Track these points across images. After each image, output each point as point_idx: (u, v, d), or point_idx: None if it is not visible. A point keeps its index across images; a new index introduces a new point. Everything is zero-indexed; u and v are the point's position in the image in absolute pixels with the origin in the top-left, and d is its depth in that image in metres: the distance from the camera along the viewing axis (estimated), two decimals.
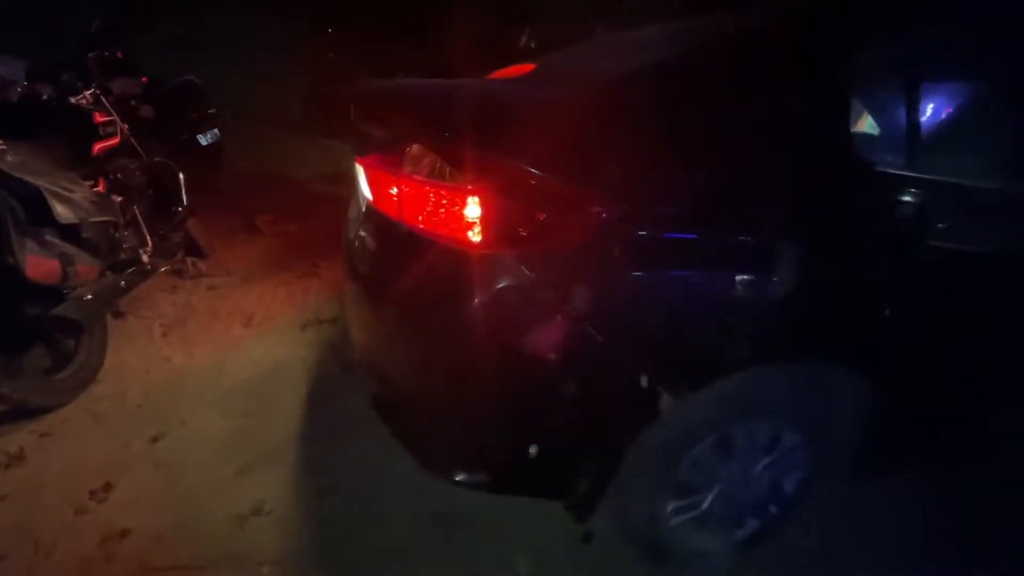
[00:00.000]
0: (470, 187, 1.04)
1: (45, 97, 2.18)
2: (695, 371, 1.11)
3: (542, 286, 1.02)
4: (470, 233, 1.05)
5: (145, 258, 2.35)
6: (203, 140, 3.36)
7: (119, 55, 2.59)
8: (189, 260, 2.93)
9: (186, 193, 2.80)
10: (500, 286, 1.03)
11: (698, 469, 1.25)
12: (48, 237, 1.77)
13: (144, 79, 2.94)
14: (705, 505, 1.32)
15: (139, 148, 2.64)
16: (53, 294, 1.83)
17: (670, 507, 1.29)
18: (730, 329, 1.09)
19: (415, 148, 1.15)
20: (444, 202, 1.08)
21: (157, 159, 2.72)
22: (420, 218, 1.13)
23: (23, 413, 1.88)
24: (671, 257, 1.05)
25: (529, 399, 1.11)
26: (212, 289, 2.85)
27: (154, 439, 1.85)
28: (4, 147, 1.75)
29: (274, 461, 1.75)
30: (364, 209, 1.42)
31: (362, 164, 1.33)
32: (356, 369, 1.41)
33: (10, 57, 2.30)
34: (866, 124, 1.22)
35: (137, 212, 2.44)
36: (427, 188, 1.12)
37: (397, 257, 1.25)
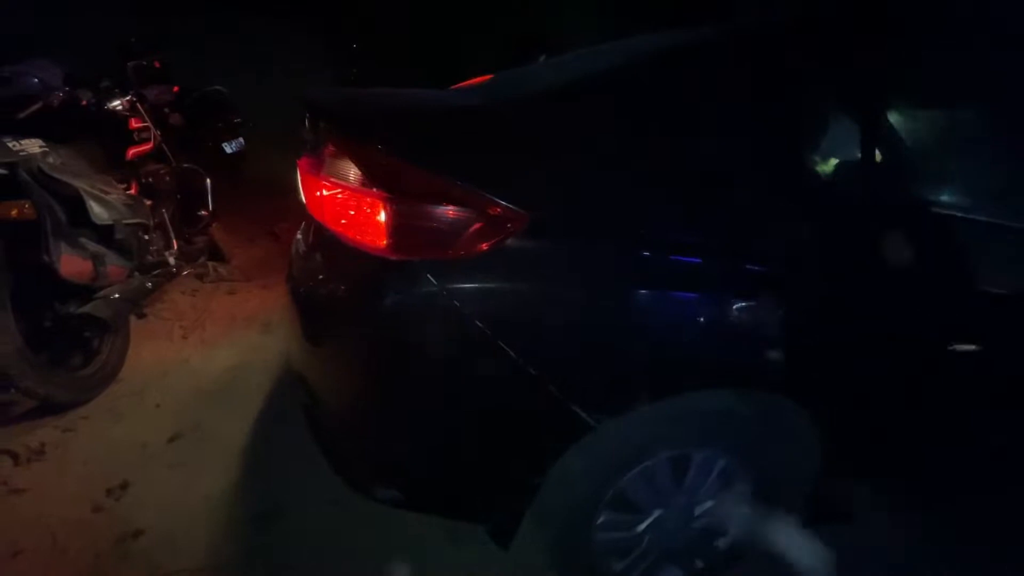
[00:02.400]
0: (375, 190, 1.01)
1: (84, 103, 2.26)
2: (618, 393, 1.06)
3: (448, 296, 0.98)
4: (376, 238, 1.02)
5: (171, 261, 2.40)
6: (228, 148, 3.45)
7: (156, 65, 2.67)
8: (210, 264, 2.98)
9: (211, 199, 2.87)
10: (403, 294, 1.00)
11: (627, 499, 1.20)
12: (83, 237, 1.82)
13: (176, 88, 3.04)
14: (643, 540, 1.26)
15: (169, 154, 2.72)
16: (83, 292, 1.87)
17: (599, 537, 1.23)
18: (657, 350, 1.05)
19: (333, 150, 1.12)
20: (354, 205, 1.06)
21: (186, 165, 2.80)
22: (337, 221, 1.10)
23: (47, 408, 1.91)
24: (587, 271, 1.02)
25: (435, 415, 1.08)
26: (231, 294, 2.89)
27: (171, 439, 1.87)
28: (46, 149, 1.82)
29: (289, 466, 1.76)
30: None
31: (299, 166, 1.28)
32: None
33: (50, 63, 2.39)
34: (819, 148, 1.21)
35: (165, 216, 2.50)
36: (340, 191, 1.09)
37: (317, 261, 1.23)
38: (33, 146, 1.77)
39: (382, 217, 1.00)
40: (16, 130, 1.82)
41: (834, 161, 1.23)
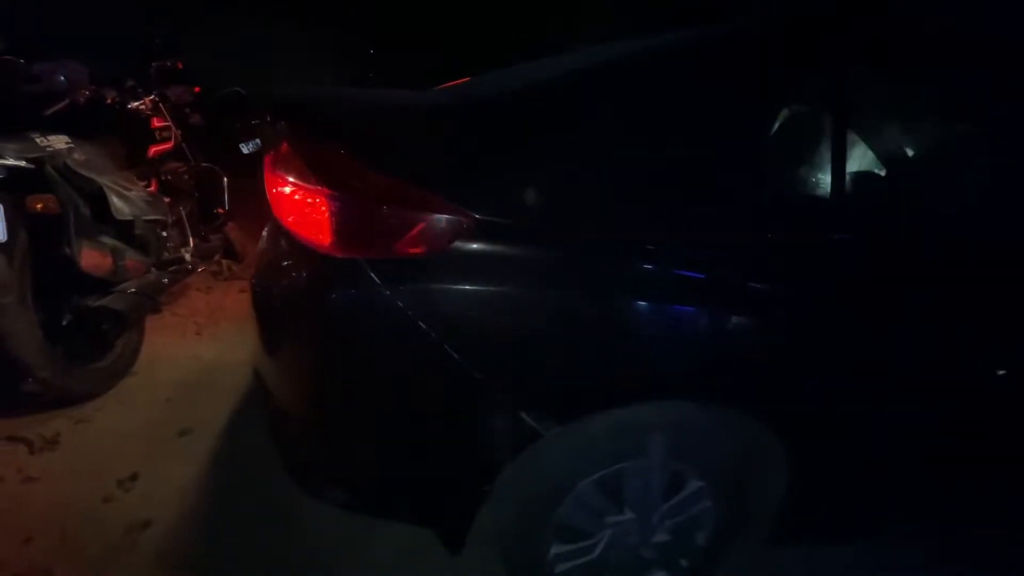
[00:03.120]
0: (321, 187, 1.01)
1: (109, 101, 2.31)
2: (567, 401, 1.04)
3: (392, 296, 0.96)
4: (322, 235, 1.01)
5: (187, 257, 2.44)
6: (245, 148, 3.50)
7: (179, 66, 2.73)
8: (224, 262, 3.03)
9: (228, 198, 2.91)
10: (346, 292, 1.00)
11: (585, 508, 1.16)
12: (103, 232, 1.86)
13: (197, 89, 3.10)
14: (598, 551, 1.22)
15: (189, 153, 2.77)
16: (101, 286, 1.91)
17: (553, 551, 1.20)
18: (608, 358, 1.02)
19: (287, 147, 1.12)
20: (303, 202, 1.05)
21: (204, 164, 2.85)
22: (289, 218, 1.09)
23: (62, 399, 1.94)
24: (535, 275, 0.99)
25: (379, 417, 1.07)
26: (244, 292, 2.93)
27: (181, 434, 1.90)
28: (72, 145, 1.86)
29: None
30: None
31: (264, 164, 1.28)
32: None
33: (78, 63, 2.45)
34: (800, 160, 1.20)
35: (183, 213, 2.55)
36: (292, 188, 1.08)
37: (273, 258, 1.23)
38: (60, 142, 1.82)
39: (327, 214, 1.00)
40: (43, 126, 1.87)
41: (813, 175, 1.22)
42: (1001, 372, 1.18)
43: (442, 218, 0.97)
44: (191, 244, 2.54)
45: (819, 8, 1.23)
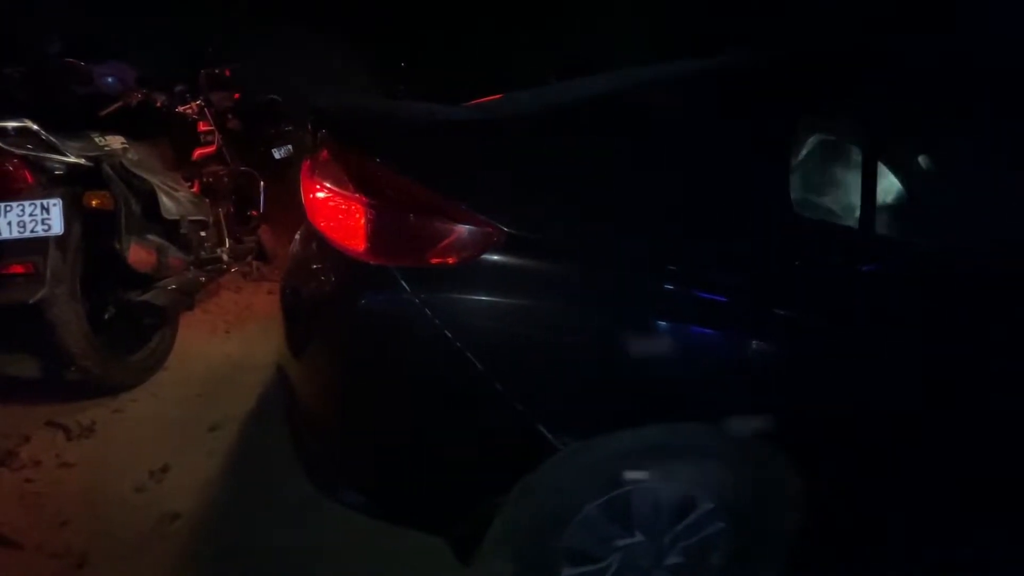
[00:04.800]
0: (358, 195, 1.03)
1: (159, 104, 2.42)
2: (586, 417, 1.04)
3: (421, 304, 0.98)
4: (356, 241, 1.03)
5: (224, 257, 2.51)
6: (277, 154, 3.60)
7: (227, 73, 2.84)
8: (255, 263, 3.11)
9: (263, 202, 3.00)
10: (376, 298, 1.02)
11: (596, 529, 1.15)
12: (151, 229, 1.94)
13: (237, 95, 3.22)
14: (610, 574, 1.21)
15: (228, 157, 2.87)
16: (144, 281, 1.98)
17: (566, 572, 1.19)
18: (629, 376, 1.03)
19: (327, 155, 1.15)
20: (339, 208, 1.08)
21: (243, 168, 2.95)
22: (324, 223, 1.12)
23: (99, 388, 2.00)
24: (562, 291, 1.01)
25: (401, 422, 1.08)
26: (272, 294, 3.00)
27: (211, 428, 1.94)
28: (127, 145, 1.95)
29: None
30: None
31: (302, 170, 1.30)
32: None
33: (125, 65, 2.57)
34: (813, 186, 1.22)
35: (221, 215, 2.63)
36: (329, 194, 1.11)
37: (305, 261, 1.26)
38: (116, 142, 1.91)
39: (361, 221, 1.02)
40: (99, 126, 1.96)
41: (841, 203, 1.23)
42: None
43: (473, 230, 1.00)
44: (227, 245, 2.62)
45: (845, 40, 1.25)
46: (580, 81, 1.49)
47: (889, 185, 1.46)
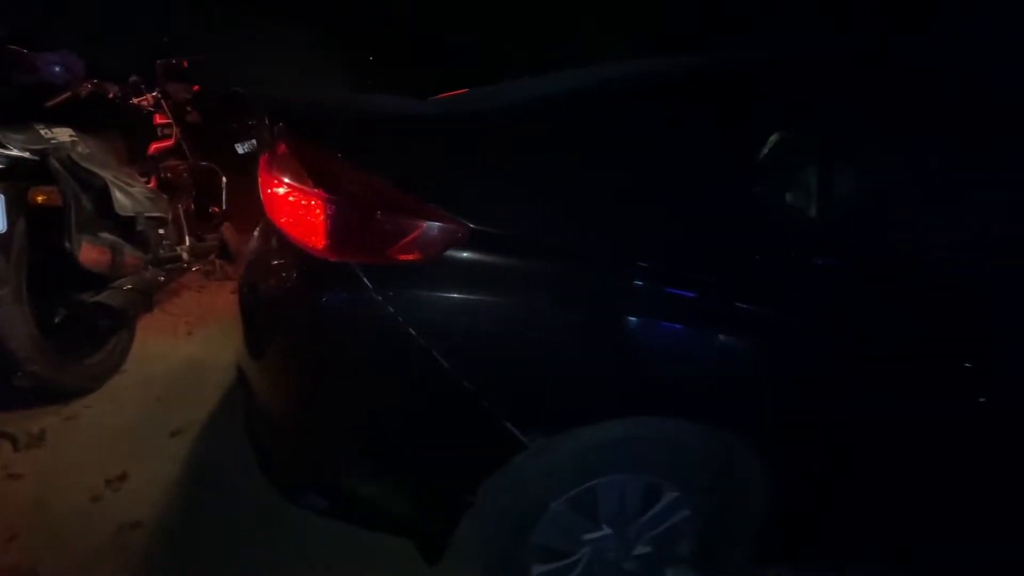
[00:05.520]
0: (317, 190, 1.01)
1: (111, 95, 2.30)
2: (553, 413, 1.05)
3: (384, 301, 0.97)
4: (316, 238, 1.01)
5: (184, 256, 2.42)
6: (241, 148, 3.49)
7: (184, 64, 2.73)
8: (218, 262, 3.00)
9: (226, 198, 2.90)
10: (338, 296, 1.01)
11: (565, 525, 1.17)
12: (104, 227, 1.85)
13: (196, 87, 3.10)
14: (580, 568, 1.23)
15: (188, 151, 2.76)
16: (98, 281, 1.89)
17: (535, 571, 1.20)
18: (595, 371, 1.04)
19: (284, 149, 1.12)
20: (298, 204, 1.05)
21: (203, 163, 2.84)
22: (283, 219, 1.10)
23: (50, 394, 1.90)
24: (527, 287, 1.01)
25: (364, 422, 1.07)
26: (236, 293, 2.90)
27: (172, 433, 1.88)
28: (76, 138, 1.85)
29: None
30: None
31: (259, 165, 1.27)
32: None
33: (73, 55, 2.44)
34: (776, 181, 1.21)
35: (181, 211, 2.53)
36: (287, 189, 1.08)
37: (264, 258, 1.24)
38: (64, 135, 1.81)
39: (321, 217, 1.01)
40: (45, 118, 1.86)
41: (801, 200, 1.25)
42: (982, 399, 1.23)
43: (436, 226, 0.99)
44: (187, 243, 2.52)
45: (810, 42, 1.28)
46: (548, 77, 1.48)
47: (851, 182, 1.50)
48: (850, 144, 1.29)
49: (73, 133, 1.86)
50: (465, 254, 0.99)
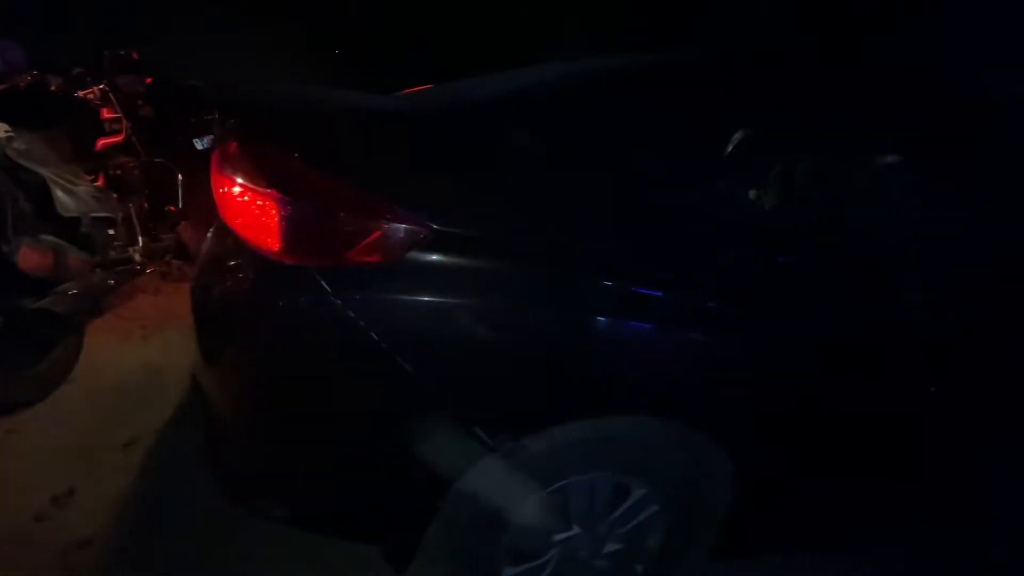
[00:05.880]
0: (271, 191, 0.97)
1: (54, 88, 2.18)
2: (522, 416, 1.04)
3: (344, 306, 0.94)
4: (271, 240, 0.97)
5: (136, 257, 2.31)
6: (199, 144, 3.35)
7: (135, 56, 2.60)
8: (175, 263, 2.88)
9: (182, 196, 2.78)
10: (296, 300, 0.97)
11: (534, 526, 1.16)
12: (45, 228, 1.74)
13: (149, 80, 2.96)
14: (551, 568, 1.22)
15: (139, 147, 2.63)
16: (41, 286, 1.78)
17: (508, 571, 1.20)
18: (563, 372, 1.03)
19: (236, 147, 1.08)
20: (252, 205, 1.01)
21: (157, 160, 2.71)
22: (237, 220, 1.04)
23: None
24: (492, 288, 0.98)
25: (327, 430, 1.04)
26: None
27: (125, 445, 1.79)
28: (12, 134, 1.74)
29: None
30: None
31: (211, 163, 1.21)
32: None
33: (14, 44, 2.30)
34: (745, 180, 1.23)
35: (132, 210, 2.41)
36: (240, 189, 1.03)
37: (217, 261, 1.19)
38: None
39: (276, 219, 0.96)
40: None
41: (760, 199, 1.27)
42: (933, 389, 1.27)
43: (398, 227, 0.96)
44: (140, 243, 2.41)
45: (771, 42, 1.30)
46: (514, 73, 1.46)
47: (813, 181, 1.53)
48: (811, 143, 1.32)
49: (9, 128, 1.74)
50: (428, 256, 0.96)
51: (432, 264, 0.96)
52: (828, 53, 1.40)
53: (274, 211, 0.97)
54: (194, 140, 3.31)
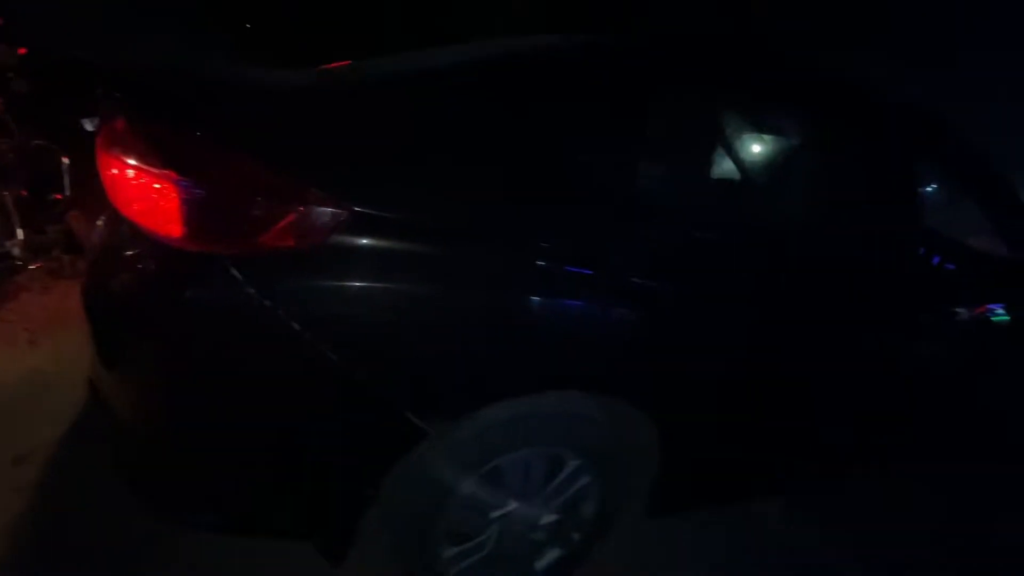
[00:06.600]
0: (168, 171, 0.90)
1: None
2: (453, 397, 1.04)
3: (260, 294, 0.89)
4: (171, 226, 0.90)
5: (14, 252, 2.06)
6: (89, 125, 3.01)
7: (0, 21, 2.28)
8: (67, 257, 2.59)
9: (70, 182, 2.49)
10: (204, 290, 0.91)
11: (472, 506, 1.17)
12: None
13: (22, 50, 2.62)
14: (490, 545, 1.24)
15: (14, 127, 2.33)
16: None
17: (447, 553, 1.20)
18: (492, 352, 1.03)
19: (126, 124, 0.99)
20: (147, 188, 0.93)
21: (37, 142, 2.41)
22: (130, 206, 0.97)
23: None
24: (416, 270, 0.96)
25: (250, 427, 0.99)
26: None
27: (14, 461, 1.60)
28: None
29: None
30: None
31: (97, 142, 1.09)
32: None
33: None
34: (666, 160, 1.31)
35: (7, 199, 2.14)
36: (132, 171, 0.95)
37: (111, 252, 1.09)
38: None
39: (176, 202, 0.89)
40: None
41: (683, 179, 1.35)
42: (841, 351, 1.42)
43: (316, 210, 0.91)
44: (19, 236, 2.15)
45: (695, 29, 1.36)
46: (431, 52, 1.42)
47: (726, 165, 1.64)
48: (721, 134, 1.39)
49: None
50: (349, 239, 0.93)
51: (354, 248, 0.93)
52: (729, 41, 1.47)
53: (173, 194, 0.89)
54: (83, 120, 2.98)
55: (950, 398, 1.78)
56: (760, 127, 1.46)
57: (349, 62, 1.55)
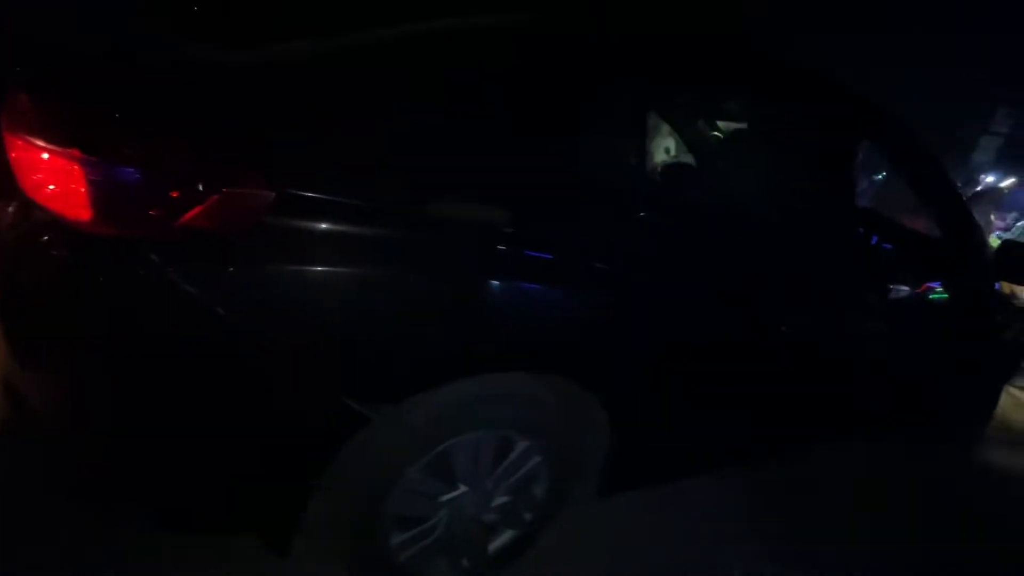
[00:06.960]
0: (73, 150, 0.85)
1: None
2: (395, 381, 1.02)
3: (183, 280, 0.86)
4: (79, 210, 0.85)
5: None
6: None
7: None
8: None
9: None
10: (120, 277, 0.87)
11: (420, 491, 1.16)
12: None
13: None
14: (441, 529, 1.24)
15: None
16: None
17: (397, 539, 1.19)
18: (435, 335, 1.02)
19: (26, 100, 0.92)
20: (52, 168, 0.88)
21: None
22: (35, 188, 0.91)
23: None
24: (351, 252, 0.94)
25: (176, 422, 0.96)
26: None
27: None
28: None
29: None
30: None
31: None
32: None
33: None
34: (615, 143, 1.30)
35: None
36: (36, 150, 0.89)
37: (18, 239, 1.03)
38: None
39: (84, 183, 0.84)
40: None
41: (633, 166, 1.35)
42: (784, 329, 1.47)
43: (239, 191, 0.87)
44: None
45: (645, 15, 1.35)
46: (371, 32, 1.36)
47: (674, 151, 1.66)
48: (683, 120, 1.40)
49: None
50: (280, 220, 0.89)
51: (283, 230, 0.89)
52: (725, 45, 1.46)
53: (79, 175, 0.84)
54: None
55: (890, 373, 1.86)
56: (698, 111, 1.48)
57: (292, 41, 1.48)
